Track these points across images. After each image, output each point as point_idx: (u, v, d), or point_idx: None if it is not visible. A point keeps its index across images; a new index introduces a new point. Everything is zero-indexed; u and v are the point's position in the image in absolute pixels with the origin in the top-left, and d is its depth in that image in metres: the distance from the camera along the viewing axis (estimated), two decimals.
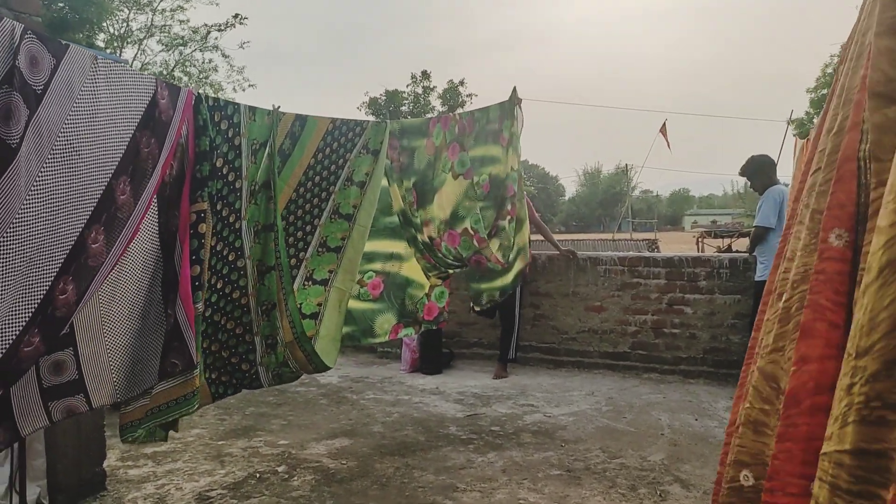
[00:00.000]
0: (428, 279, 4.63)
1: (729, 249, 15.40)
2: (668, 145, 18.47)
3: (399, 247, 4.53)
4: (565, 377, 6.11)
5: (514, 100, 5.26)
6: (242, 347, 3.38)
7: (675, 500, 3.37)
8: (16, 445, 2.68)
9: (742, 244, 10.88)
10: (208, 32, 27.50)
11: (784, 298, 1.38)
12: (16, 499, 2.77)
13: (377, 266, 4.45)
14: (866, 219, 1.03)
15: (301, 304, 3.72)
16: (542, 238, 6.76)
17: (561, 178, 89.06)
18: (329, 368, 3.73)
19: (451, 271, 4.79)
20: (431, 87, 38.03)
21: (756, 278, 5.36)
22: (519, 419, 4.82)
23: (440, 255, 4.62)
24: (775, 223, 5.20)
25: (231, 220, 3.17)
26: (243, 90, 29.29)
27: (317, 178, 3.72)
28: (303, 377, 4.01)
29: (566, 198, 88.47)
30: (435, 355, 6.37)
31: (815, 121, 25.74)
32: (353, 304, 4.24)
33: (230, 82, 29.31)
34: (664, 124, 18.64)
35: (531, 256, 5.99)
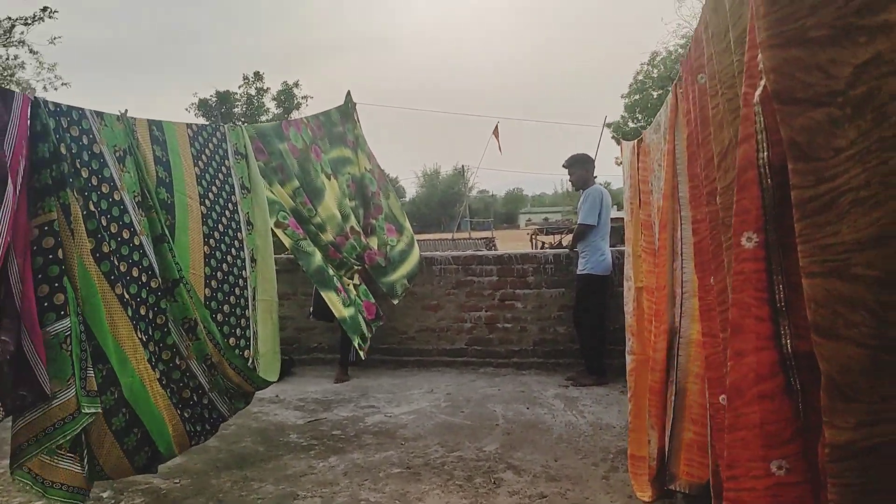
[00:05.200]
0: (340, 278, 4.60)
1: (560, 244, 16.38)
2: (500, 147, 19.28)
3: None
4: (406, 376, 6.22)
5: (350, 103, 5.31)
6: (177, 374, 3.11)
7: (508, 486, 3.56)
8: None
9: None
10: (12, 26, 24.86)
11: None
12: None
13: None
14: (772, 220, 1.14)
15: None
16: None
17: (401, 180, 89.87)
18: (272, 383, 3.58)
19: (356, 267, 4.80)
20: (265, 88, 36.92)
21: (578, 272, 5.75)
22: (360, 421, 4.85)
23: (344, 254, 4.59)
24: (597, 221, 5.62)
25: (125, 236, 2.85)
26: (55, 89, 26.71)
27: (214, 189, 3.49)
28: None
29: (407, 199, 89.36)
30: None
31: (629, 124, 28.04)
32: (348, 310, 4.35)
33: (40, 80, 26.63)
34: (496, 127, 19.42)
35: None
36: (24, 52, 26.03)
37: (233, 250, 3.51)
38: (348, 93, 5.32)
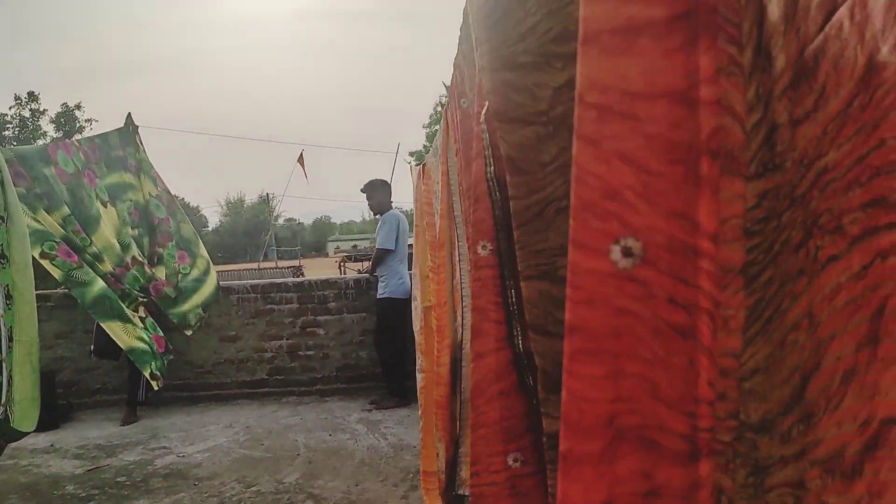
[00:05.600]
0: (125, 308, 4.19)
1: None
2: (306, 175, 19.06)
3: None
4: (202, 412, 5.90)
5: (132, 126, 5.02)
6: None
7: None
8: None
9: None
10: None
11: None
12: None
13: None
14: (502, 229, 1.19)
15: None
16: None
17: (203, 209, 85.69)
18: (27, 434, 3.13)
19: (141, 300, 4.40)
20: (41, 110, 33.73)
21: (378, 296, 5.83)
22: (149, 464, 4.51)
23: (126, 285, 4.20)
24: (394, 245, 5.74)
25: None
26: None
27: None
28: None
29: (210, 228, 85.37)
30: (47, 408, 5.62)
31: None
32: (136, 339, 3.97)
33: None
34: (301, 155, 19.18)
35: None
36: None
37: None
38: (129, 115, 5.02)
